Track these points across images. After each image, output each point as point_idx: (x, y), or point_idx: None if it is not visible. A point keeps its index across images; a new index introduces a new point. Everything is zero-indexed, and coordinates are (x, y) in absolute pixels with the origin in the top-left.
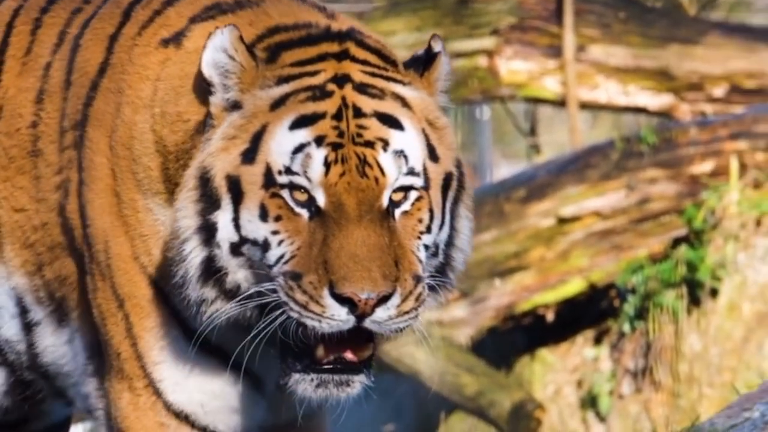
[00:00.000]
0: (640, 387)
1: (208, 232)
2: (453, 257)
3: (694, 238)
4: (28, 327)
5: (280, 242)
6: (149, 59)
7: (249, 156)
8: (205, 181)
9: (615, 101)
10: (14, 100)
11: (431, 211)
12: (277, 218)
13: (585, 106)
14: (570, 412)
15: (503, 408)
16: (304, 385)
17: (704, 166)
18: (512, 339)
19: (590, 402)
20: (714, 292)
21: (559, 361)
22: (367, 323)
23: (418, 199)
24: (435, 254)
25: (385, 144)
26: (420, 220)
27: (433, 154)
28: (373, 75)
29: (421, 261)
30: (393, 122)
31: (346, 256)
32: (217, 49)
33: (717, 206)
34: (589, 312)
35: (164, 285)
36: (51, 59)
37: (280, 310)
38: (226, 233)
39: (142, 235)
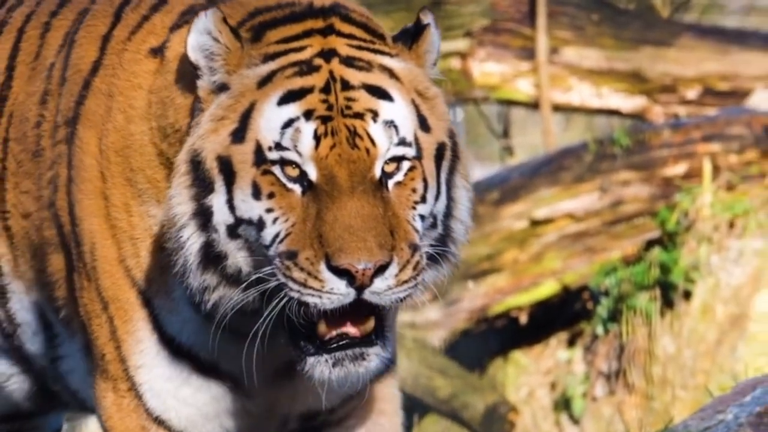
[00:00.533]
0: (614, 389)
1: (203, 216)
2: (453, 228)
3: (668, 241)
4: (51, 341)
5: (275, 220)
6: (140, 67)
7: (239, 135)
8: (196, 164)
9: (588, 103)
10: (23, 105)
11: (425, 180)
12: (270, 195)
13: (558, 108)
14: (543, 414)
15: (477, 410)
16: (320, 368)
17: (677, 169)
18: (485, 341)
19: (563, 404)
20: (687, 295)
21: (533, 363)
22: (367, 295)
23: (411, 169)
24: (434, 225)
25: (375, 115)
26: (414, 190)
27: (424, 124)
28: (360, 48)
29: (417, 230)
30: (381, 93)
31: (340, 228)
32: (201, 32)
33: (690, 208)
34: (562, 314)
35: (146, 288)
36: (55, 60)
37: (282, 293)
38: (221, 216)
39: (132, 238)
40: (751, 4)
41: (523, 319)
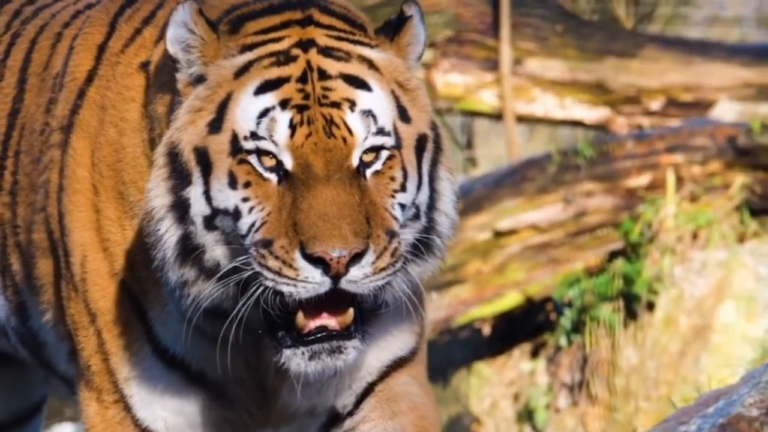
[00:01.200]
0: (577, 400)
1: (181, 209)
2: (437, 221)
3: (631, 252)
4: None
5: (251, 209)
6: (132, 81)
7: (215, 126)
8: (173, 156)
9: (552, 114)
10: (33, 117)
11: (404, 169)
12: (246, 185)
13: (522, 119)
14: (506, 425)
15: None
16: (296, 360)
17: (641, 180)
18: (449, 352)
19: (527, 415)
20: (650, 306)
21: (496, 374)
22: (343, 284)
23: (390, 158)
24: (417, 216)
25: (352, 104)
26: (393, 179)
27: (404, 115)
28: (339, 39)
29: (395, 218)
30: (359, 83)
31: (315, 215)
32: (178, 25)
33: (653, 219)
34: (525, 325)
35: (141, 301)
36: (60, 69)
37: (256, 282)
38: (198, 207)
39: (126, 252)
40: (715, 15)
41: (487, 330)
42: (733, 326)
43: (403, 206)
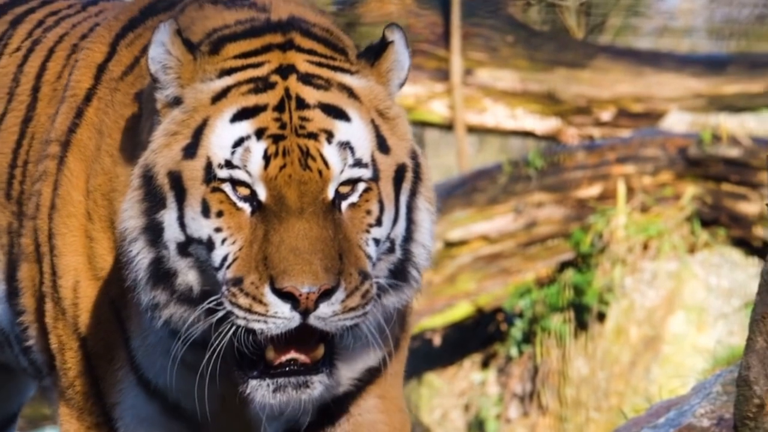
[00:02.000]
0: (528, 411)
1: (154, 232)
2: (413, 252)
3: (582, 262)
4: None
5: (223, 240)
6: (127, 111)
7: (190, 151)
8: (148, 179)
9: (502, 125)
10: (42, 127)
11: (381, 203)
12: (219, 214)
13: (472, 129)
14: None
15: None
16: (261, 392)
17: (592, 190)
18: None
19: (477, 426)
20: (601, 316)
21: (447, 385)
22: (312, 320)
23: (367, 190)
24: (391, 250)
25: (330, 135)
26: (369, 212)
27: (383, 146)
28: (320, 65)
29: (369, 256)
30: (338, 113)
31: (286, 249)
32: (157, 44)
33: (604, 230)
34: (476, 336)
35: (129, 328)
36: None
37: (228, 322)
38: (172, 233)
39: (119, 280)
40: (665, 26)
41: (437, 340)
42: (684, 337)
43: (377, 241)
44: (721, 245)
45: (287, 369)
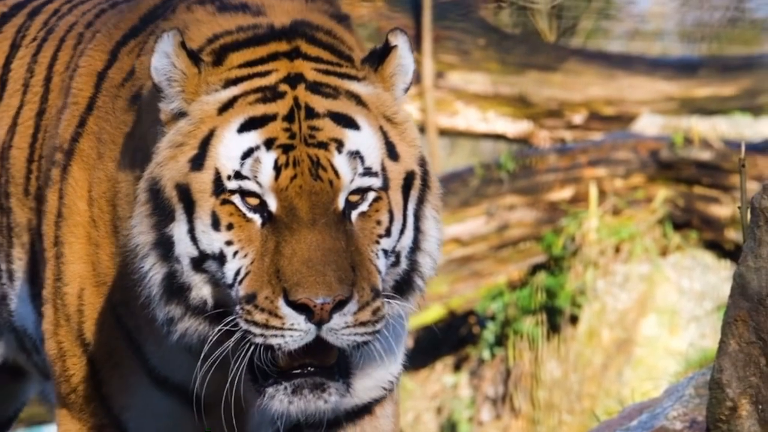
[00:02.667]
0: (500, 413)
1: (164, 246)
2: (419, 263)
3: (554, 265)
4: None
5: (235, 254)
6: (129, 116)
7: (197, 162)
8: (155, 192)
9: (474, 128)
10: (52, 120)
11: (390, 212)
12: (229, 227)
13: (444, 132)
14: None
15: None
16: (279, 397)
17: (563, 193)
18: None
19: (450, 429)
20: (573, 319)
21: (419, 387)
22: (324, 331)
23: (377, 200)
24: (396, 263)
25: (340, 145)
26: (378, 222)
27: (392, 153)
28: (327, 73)
29: (379, 271)
30: (348, 122)
31: (299, 261)
32: (161, 55)
33: (576, 233)
34: (448, 339)
35: (137, 335)
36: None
37: (246, 341)
38: (183, 247)
39: (123, 288)
40: (636, 29)
41: (409, 343)
42: (656, 339)
43: (386, 252)
44: (693, 248)
45: (302, 371)
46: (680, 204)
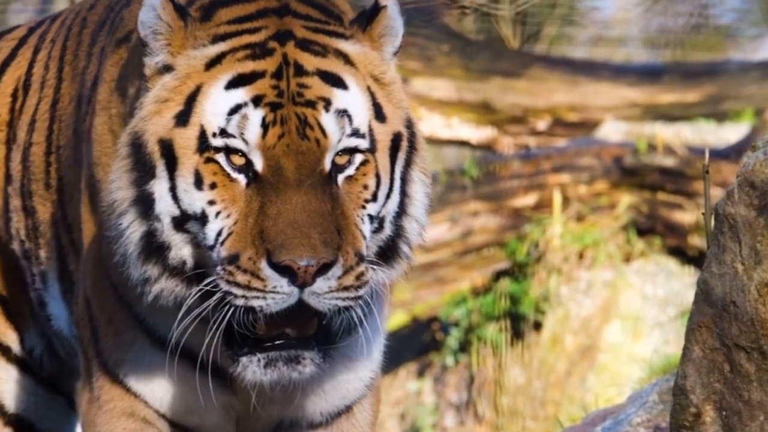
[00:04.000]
0: (464, 420)
1: (145, 204)
2: (405, 228)
3: (518, 271)
4: None
5: (217, 214)
6: (109, 62)
7: (182, 118)
8: (137, 147)
9: (438, 134)
10: (66, 110)
11: (378, 176)
12: (212, 186)
13: None
14: None
15: None
16: (252, 368)
17: (527, 199)
18: None
19: None
20: (537, 325)
21: (382, 394)
22: (306, 295)
23: (364, 163)
24: (380, 228)
25: (327, 103)
26: (365, 186)
27: (379, 114)
28: (316, 30)
29: (364, 236)
30: (336, 80)
31: (283, 222)
32: (147, 8)
33: (540, 239)
34: (412, 345)
35: (124, 292)
36: (86, 63)
37: (225, 303)
38: (165, 205)
39: (106, 237)
40: (600, 35)
41: None
42: (620, 346)
43: (372, 218)
44: (657, 254)
45: (278, 343)
46: (644, 210)
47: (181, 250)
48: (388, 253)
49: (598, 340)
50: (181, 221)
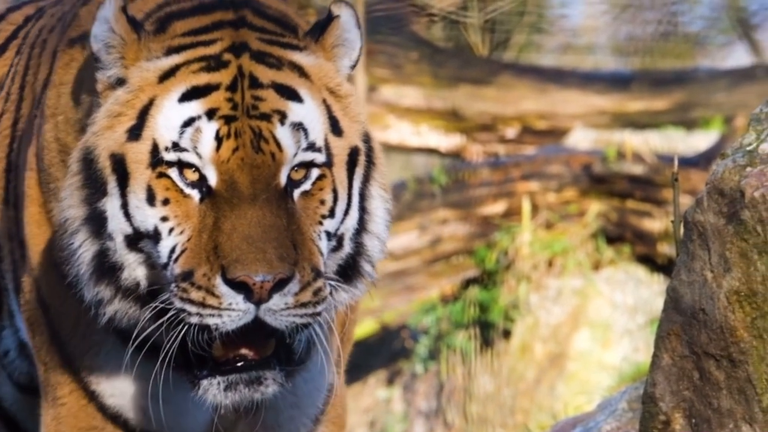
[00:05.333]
0: (433, 428)
1: (96, 222)
2: (366, 246)
3: (487, 279)
4: None
5: (170, 230)
6: (59, 63)
7: (135, 132)
8: (88, 163)
9: (407, 142)
10: (25, 131)
11: (335, 191)
12: (165, 201)
13: None
14: None
15: None
16: (212, 391)
17: (496, 207)
18: None
19: None
20: (506, 333)
21: (352, 401)
22: (263, 312)
23: (320, 178)
24: (339, 246)
25: (283, 117)
26: (322, 202)
27: (336, 128)
28: (271, 42)
29: (321, 253)
30: (291, 93)
31: (238, 237)
32: (100, 21)
33: (509, 247)
34: (381, 353)
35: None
36: (46, 68)
37: (179, 321)
38: (117, 223)
39: (51, 251)
40: (568, 43)
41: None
42: (589, 353)
43: (329, 235)
44: (626, 262)
45: (238, 365)
46: (613, 218)
47: (135, 270)
48: (349, 272)
49: (567, 347)
50: (134, 240)
